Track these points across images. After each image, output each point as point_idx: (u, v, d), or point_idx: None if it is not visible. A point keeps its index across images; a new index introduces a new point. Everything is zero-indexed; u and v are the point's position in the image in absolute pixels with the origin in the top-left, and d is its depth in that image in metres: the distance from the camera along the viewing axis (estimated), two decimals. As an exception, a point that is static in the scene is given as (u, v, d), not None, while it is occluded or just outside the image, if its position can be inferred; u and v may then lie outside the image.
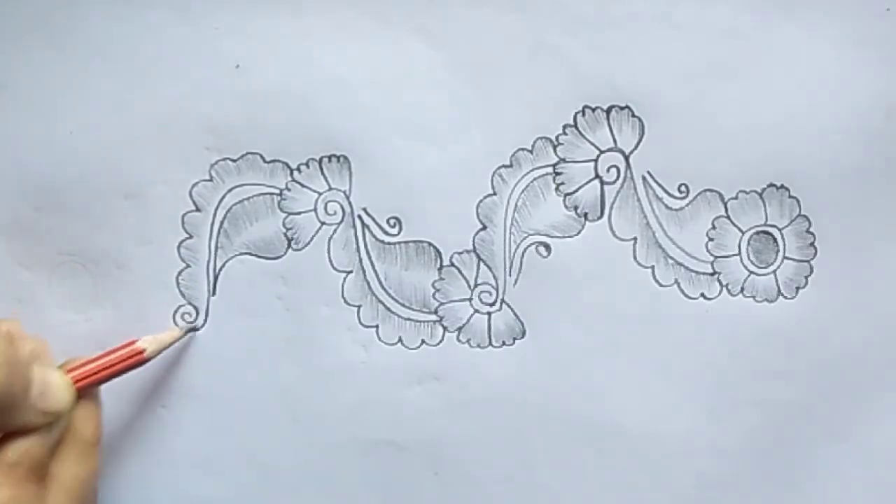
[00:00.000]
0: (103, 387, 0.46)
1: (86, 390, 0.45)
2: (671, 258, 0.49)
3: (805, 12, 0.49)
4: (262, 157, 0.49)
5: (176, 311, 0.49)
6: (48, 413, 0.43)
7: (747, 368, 0.49)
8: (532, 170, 0.49)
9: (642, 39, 0.49)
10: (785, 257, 0.50)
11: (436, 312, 0.50)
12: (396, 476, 0.50)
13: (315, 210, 0.49)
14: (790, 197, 0.49)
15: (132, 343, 0.47)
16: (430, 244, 0.50)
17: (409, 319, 0.50)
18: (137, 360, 0.47)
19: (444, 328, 0.50)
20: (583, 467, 0.50)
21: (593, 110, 0.49)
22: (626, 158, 0.49)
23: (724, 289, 0.50)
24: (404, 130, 0.49)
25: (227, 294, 0.49)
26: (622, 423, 0.50)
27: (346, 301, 0.49)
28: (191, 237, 0.49)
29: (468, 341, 0.49)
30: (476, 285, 0.50)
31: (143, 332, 0.48)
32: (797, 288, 0.49)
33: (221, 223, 0.49)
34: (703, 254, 0.50)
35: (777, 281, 0.49)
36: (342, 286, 0.49)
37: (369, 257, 0.49)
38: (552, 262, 0.49)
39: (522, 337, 0.50)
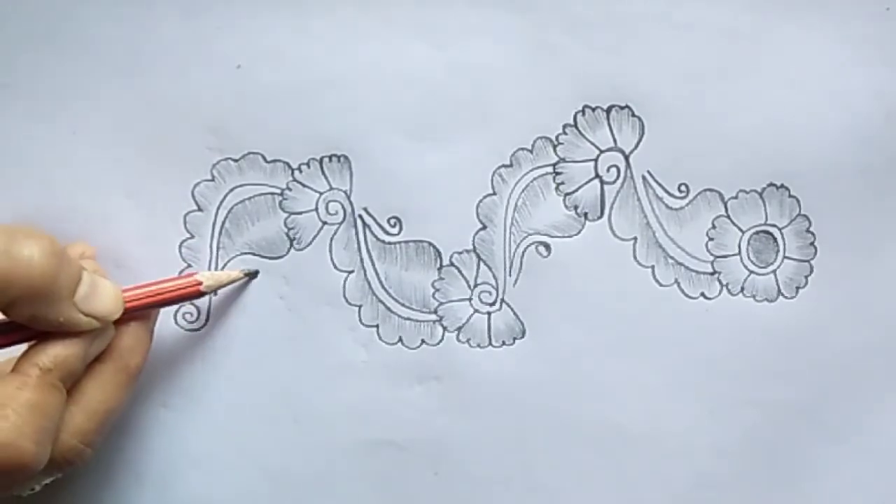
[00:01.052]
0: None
1: (139, 317, 0.45)
2: (671, 258, 0.49)
3: (805, 12, 0.49)
4: (263, 156, 0.49)
5: (177, 311, 0.49)
6: (92, 316, 0.43)
7: (747, 368, 0.49)
8: (532, 169, 0.49)
9: (642, 39, 0.49)
10: (785, 257, 0.50)
11: (436, 312, 0.50)
12: (396, 476, 0.50)
13: (316, 210, 0.50)
14: (790, 196, 0.49)
15: (192, 274, 0.47)
16: (430, 244, 0.50)
17: (409, 319, 0.50)
18: (194, 291, 0.47)
19: (444, 328, 0.50)
20: (583, 467, 0.50)
21: (593, 110, 0.49)
22: (626, 158, 0.49)
23: (725, 288, 0.50)
24: (404, 130, 0.49)
25: (229, 294, 0.49)
26: (622, 423, 0.50)
27: (347, 301, 0.50)
28: (192, 237, 0.49)
29: (468, 341, 0.50)
30: (476, 285, 0.50)
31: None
32: (797, 287, 0.49)
33: (223, 223, 0.49)
34: (703, 253, 0.50)
35: (777, 280, 0.49)
36: (343, 286, 0.49)
37: (370, 257, 0.50)
38: (552, 262, 0.49)
39: (522, 337, 0.50)
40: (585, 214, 0.50)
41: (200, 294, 0.47)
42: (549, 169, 0.50)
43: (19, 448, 0.40)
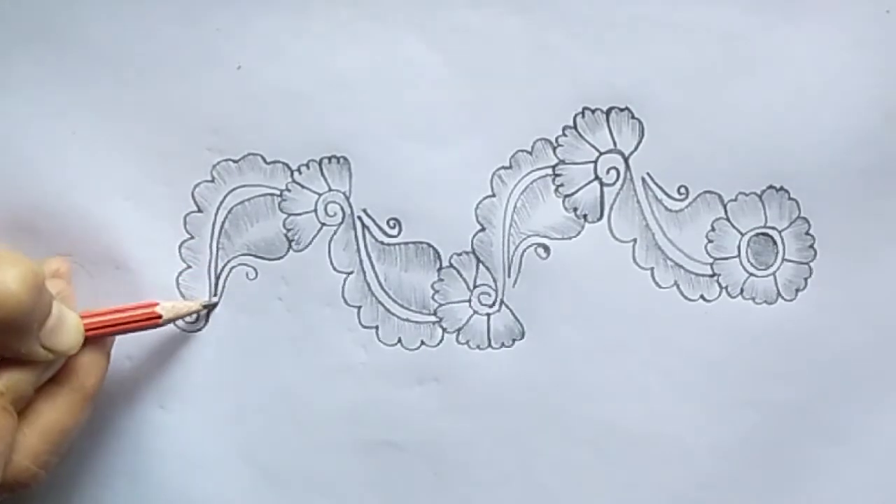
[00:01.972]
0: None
1: (97, 340, 0.45)
2: (671, 260, 0.49)
3: (805, 14, 0.49)
4: (262, 157, 0.49)
5: (177, 312, 0.50)
6: (52, 350, 0.42)
7: (747, 370, 0.49)
8: (531, 171, 0.49)
9: (642, 41, 0.49)
10: (784, 259, 0.50)
11: (435, 313, 0.50)
12: (396, 476, 0.50)
13: (315, 211, 0.50)
14: (790, 199, 0.49)
15: (153, 305, 0.47)
16: (429, 245, 0.50)
17: (408, 320, 0.50)
18: (152, 322, 0.47)
19: (444, 329, 0.50)
20: (582, 468, 0.50)
21: (593, 112, 0.49)
22: (626, 160, 0.49)
23: (724, 290, 0.49)
24: (404, 132, 0.49)
25: (228, 294, 0.50)
26: (622, 423, 0.50)
27: (346, 302, 0.50)
28: (192, 238, 0.50)
29: (467, 342, 0.50)
30: (475, 286, 0.50)
31: (143, 333, 0.48)
32: (796, 290, 0.49)
33: (223, 224, 0.50)
34: (702, 255, 0.50)
35: (776, 283, 0.49)
36: (343, 287, 0.50)
37: (369, 258, 0.50)
38: (551, 264, 0.49)
39: (522, 338, 0.50)
40: (585, 216, 0.50)
41: (159, 324, 0.47)
42: (549, 171, 0.50)
43: None
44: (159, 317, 0.47)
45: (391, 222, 0.50)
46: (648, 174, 0.49)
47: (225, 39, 0.49)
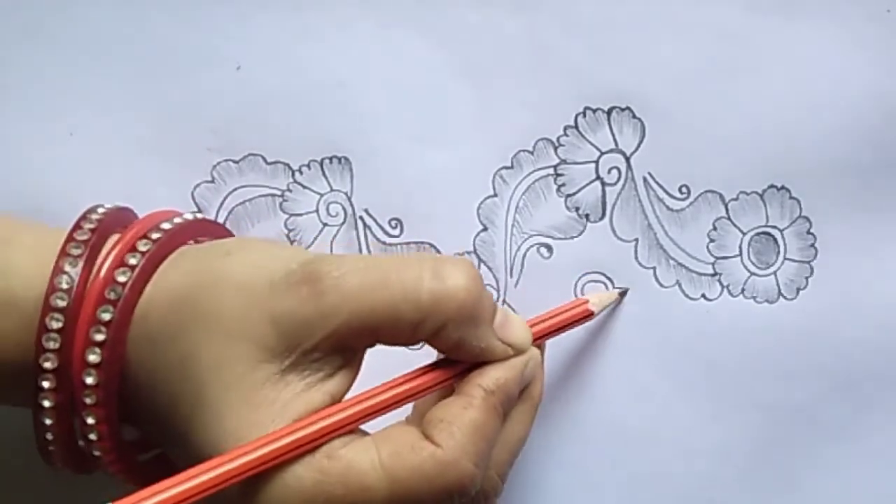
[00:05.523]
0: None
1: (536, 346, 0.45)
2: (672, 259, 0.50)
3: (805, 13, 0.49)
4: (263, 158, 0.49)
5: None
6: (508, 343, 0.42)
7: (748, 369, 0.49)
8: (533, 171, 0.49)
9: (643, 40, 0.49)
10: (785, 258, 0.50)
11: (437, 313, 0.50)
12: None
13: (317, 211, 0.50)
14: (791, 198, 0.49)
15: (584, 302, 0.47)
16: (430, 245, 0.50)
17: (410, 320, 0.50)
18: (586, 319, 0.47)
19: (446, 329, 0.50)
20: (583, 467, 0.50)
21: (594, 111, 0.49)
22: (628, 160, 0.49)
23: (725, 290, 0.50)
24: (405, 132, 0.49)
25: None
26: (623, 423, 0.50)
27: (347, 302, 0.49)
28: (192, 238, 0.49)
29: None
30: (477, 286, 0.50)
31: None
32: (798, 289, 0.50)
33: (223, 224, 0.49)
34: (704, 255, 0.50)
35: (777, 282, 0.50)
36: (343, 287, 0.49)
37: (370, 258, 0.50)
38: (554, 263, 0.49)
39: (523, 338, 0.50)
40: (587, 216, 0.50)
41: (591, 317, 0.47)
42: (551, 170, 0.50)
43: (461, 468, 0.39)
44: (591, 313, 0.47)
45: (393, 222, 0.49)
46: (650, 174, 0.49)
47: (225, 39, 0.49)
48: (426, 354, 0.43)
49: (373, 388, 0.41)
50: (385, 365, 0.42)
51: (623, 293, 0.49)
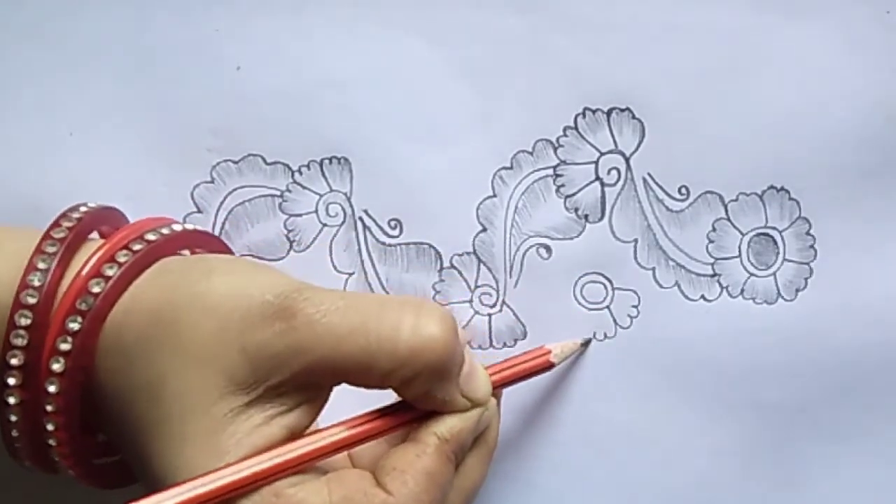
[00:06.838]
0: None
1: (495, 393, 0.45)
2: (672, 260, 0.49)
3: (805, 15, 0.49)
4: (263, 158, 0.49)
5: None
6: (468, 398, 0.42)
7: (747, 370, 0.49)
8: (532, 171, 0.49)
9: (643, 41, 0.49)
10: (785, 259, 0.50)
11: (436, 314, 0.50)
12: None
13: (316, 212, 0.50)
14: (790, 199, 0.49)
15: (542, 350, 0.47)
16: (430, 246, 0.50)
17: (409, 321, 0.50)
18: (544, 370, 0.47)
19: (445, 330, 0.50)
20: (583, 467, 0.50)
21: (594, 112, 0.49)
22: (627, 160, 0.49)
23: (725, 290, 0.50)
24: (405, 132, 0.49)
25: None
26: (622, 423, 0.50)
27: (347, 302, 0.49)
28: (192, 238, 0.49)
29: (468, 343, 0.49)
30: (476, 287, 0.50)
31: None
32: (797, 290, 0.50)
33: (223, 225, 0.49)
34: (703, 256, 0.50)
35: (777, 283, 0.50)
36: (344, 288, 0.49)
37: (370, 259, 0.50)
38: (553, 264, 0.49)
39: (524, 338, 0.50)
40: (586, 216, 0.50)
41: (551, 367, 0.47)
42: (550, 171, 0.50)
43: None
44: (552, 364, 0.47)
45: (392, 223, 0.50)
46: (649, 174, 0.49)
47: (224, 40, 0.49)
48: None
49: (328, 428, 0.41)
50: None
51: (586, 343, 0.49)
